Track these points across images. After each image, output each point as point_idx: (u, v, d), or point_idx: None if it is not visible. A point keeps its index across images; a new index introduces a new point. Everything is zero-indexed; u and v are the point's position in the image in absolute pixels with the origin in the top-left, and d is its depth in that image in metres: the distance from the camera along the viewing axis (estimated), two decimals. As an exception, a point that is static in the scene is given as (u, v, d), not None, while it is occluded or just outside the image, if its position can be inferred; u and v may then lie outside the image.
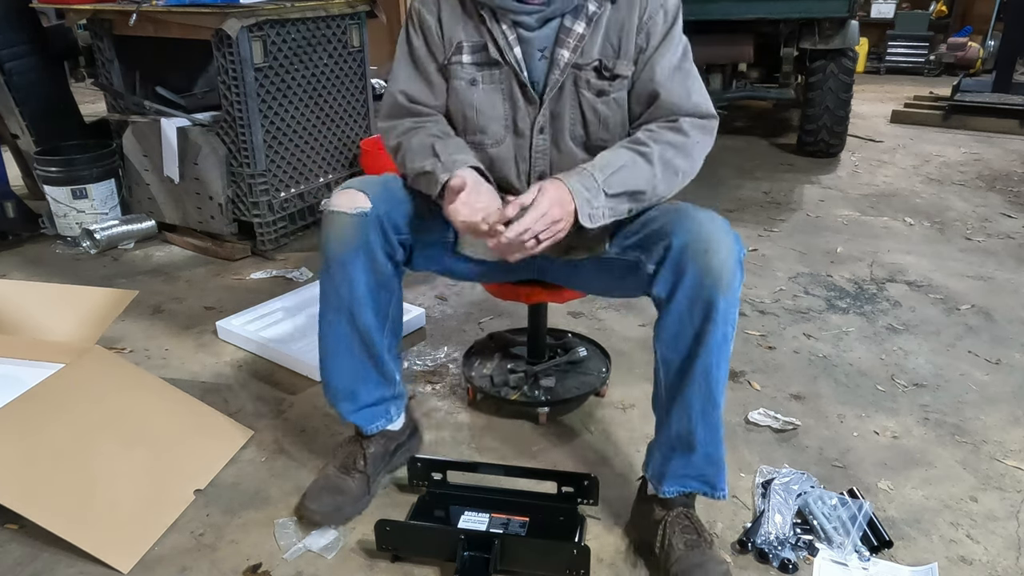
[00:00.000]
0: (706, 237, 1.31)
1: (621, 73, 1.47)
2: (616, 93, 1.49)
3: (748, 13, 3.97)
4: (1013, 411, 1.98)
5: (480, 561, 1.40)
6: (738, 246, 1.33)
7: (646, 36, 1.45)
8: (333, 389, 1.58)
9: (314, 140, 3.17)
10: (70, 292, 2.09)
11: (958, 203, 3.69)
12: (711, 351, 1.33)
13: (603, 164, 1.39)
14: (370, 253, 1.43)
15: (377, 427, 1.62)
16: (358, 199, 1.42)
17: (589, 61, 1.46)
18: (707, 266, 1.29)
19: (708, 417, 1.39)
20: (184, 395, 1.91)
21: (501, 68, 1.48)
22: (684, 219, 1.36)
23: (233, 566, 1.48)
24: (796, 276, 2.84)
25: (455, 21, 1.50)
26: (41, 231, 3.25)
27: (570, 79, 1.47)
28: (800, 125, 4.52)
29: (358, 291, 1.45)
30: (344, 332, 1.50)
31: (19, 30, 3.27)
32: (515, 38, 1.46)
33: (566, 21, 1.44)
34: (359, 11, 3.24)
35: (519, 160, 1.54)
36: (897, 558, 1.50)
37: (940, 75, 7.46)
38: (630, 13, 1.45)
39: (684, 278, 1.31)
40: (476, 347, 2.12)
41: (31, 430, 1.61)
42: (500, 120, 1.52)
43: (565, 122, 1.50)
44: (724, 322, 1.31)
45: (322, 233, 1.45)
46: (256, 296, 2.64)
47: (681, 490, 1.45)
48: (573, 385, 1.94)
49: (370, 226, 1.41)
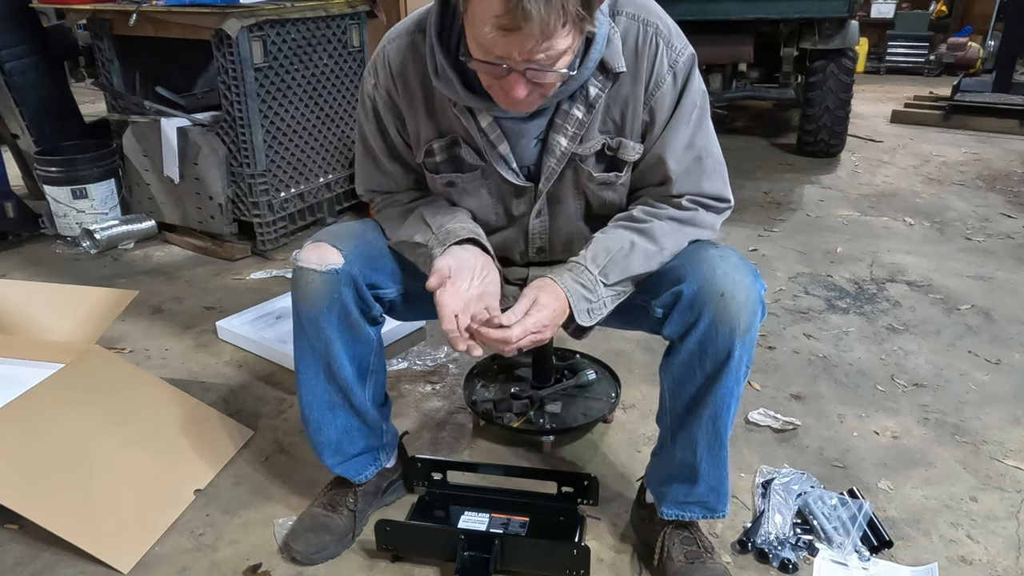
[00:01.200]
0: (720, 280, 1.20)
1: (626, 158, 1.30)
2: (623, 180, 1.34)
3: (748, 13, 3.97)
4: (1013, 411, 1.98)
5: (480, 561, 1.40)
6: (758, 284, 1.23)
7: (650, 112, 1.26)
8: (316, 443, 1.48)
9: (314, 140, 3.17)
10: (70, 292, 2.09)
11: (958, 203, 3.69)
12: (722, 396, 1.26)
13: (596, 252, 1.27)
14: (343, 311, 1.33)
15: (366, 476, 1.54)
16: (328, 255, 1.31)
17: (590, 150, 1.29)
18: (723, 313, 1.19)
19: (714, 455, 1.33)
20: (184, 395, 1.91)
21: (482, 169, 1.32)
22: (696, 262, 1.24)
23: (233, 566, 1.48)
24: (796, 276, 2.84)
25: (421, 115, 1.30)
26: (41, 231, 3.25)
27: (570, 168, 1.31)
28: (800, 125, 4.52)
29: (333, 348, 1.36)
30: (322, 388, 1.42)
31: (19, 30, 3.27)
32: (499, 134, 1.26)
33: (563, 105, 1.24)
34: (359, 11, 3.24)
35: (515, 241, 1.44)
36: (897, 558, 1.50)
37: (940, 75, 7.45)
38: (634, 86, 1.24)
39: (697, 325, 1.22)
40: (478, 368, 2.02)
41: (31, 430, 1.60)
42: (489, 212, 1.39)
43: (566, 206, 1.37)
44: (739, 367, 1.24)
45: (292, 289, 1.36)
46: (256, 296, 2.64)
47: (680, 515, 1.41)
48: (580, 412, 1.84)
49: (341, 284, 1.30)
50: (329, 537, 1.50)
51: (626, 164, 1.31)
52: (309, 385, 1.42)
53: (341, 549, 1.51)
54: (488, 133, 1.26)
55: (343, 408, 1.45)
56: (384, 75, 1.30)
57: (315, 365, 1.40)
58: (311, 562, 1.48)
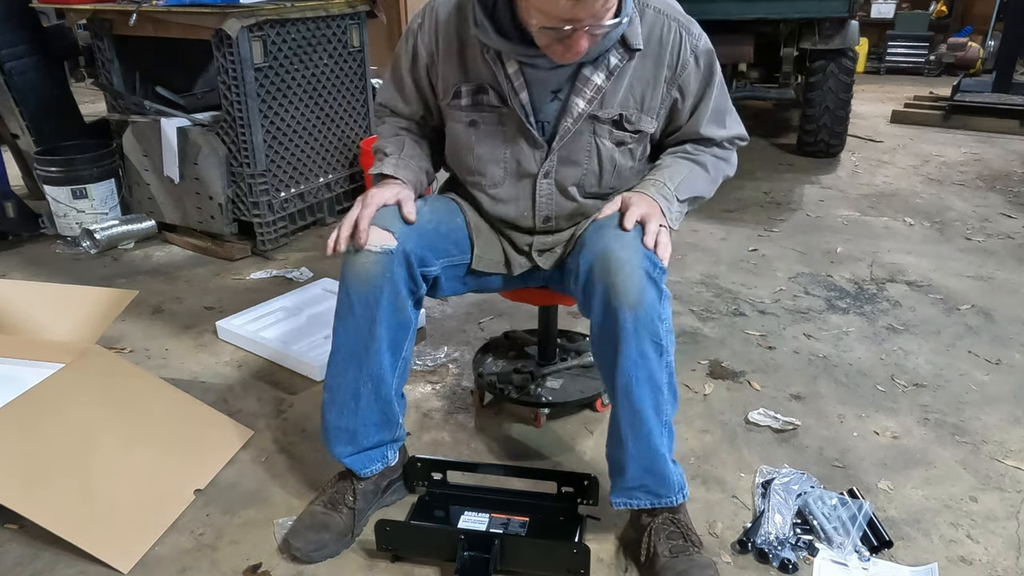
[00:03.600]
0: (607, 256, 1.31)
1: (643, 129, 1.47)
2: (634, 144, 1.48)
3: (748, 13, 3.97)
4: (1013, 411, 1.98)
5: (480, 561, 1.40)
6: (647, 262, 1.30)
7: (680, 90, 1.46)
8: (333, 429, 1.51)
9: (314, 140, 3.17)
10: (70, 292, 2.09)
11: (958, 203, 3.69)
12: (627, 369, 1.32)
13: (670, 174, 1.45)
14: (394, 290, 1.39)
15: (372, 471, 1.56)
16: (382, 237, 1.39)
17: (609, 115, 1.43)
18: (611, 285, 1.29)
19: (636, 431, 1.38)
20: (184, 395, 1.91)
21: (505, 110, 1.44)
22: (596, 238, 1.37)
23: (233, 566, 1.48)
24: (796, 276, 2.84)
25: (453, 61, 1.46)
26: (41, 231, 3.25)
27: (587, 127, 1.44)
28: (800, 125, 4.52)
29: (377, 331, 1.41)
30: (356, 371, 1.45)
31: (19, 30, 3.27)
32: (522, 82, 1.41)
33: (584, 70, 1.39)
34: (359, 11, 3.24)
35: (520, 201, 1.52)
36: (897, 558, 1.50)
37: (940, 75, 7.45)
38: (657, 67, 1.43)
39: (593, 299, 1.33)
40: (491, 344, 2.11)
41: (31, 430, 1.60)
42: (499, 163, 1.49)
43: (577, 170, 1.48)
44: (638, 339, 1.30)
45: (344, 270, 1.41)
46: (256, 296, 2.64)
47: (628, 502, 1.45)
48: (577, 389, 1.92)
49: (395, 264, 1.38)
50: (329, 535, 1.50)
51: (641, 133, 1.47)
52: (342, 367, 1.46)
53: (341, 548, 1.51)
54: (512, 80, 1.40)
55: (370, 394, 1.48)
56: (430, 23, 1.48)
57: (355, 347, 1.44)
58: (310, 560, 1.48)
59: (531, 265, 1.58)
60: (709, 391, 2.07)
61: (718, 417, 1.95)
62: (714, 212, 3.49)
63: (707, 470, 1.75)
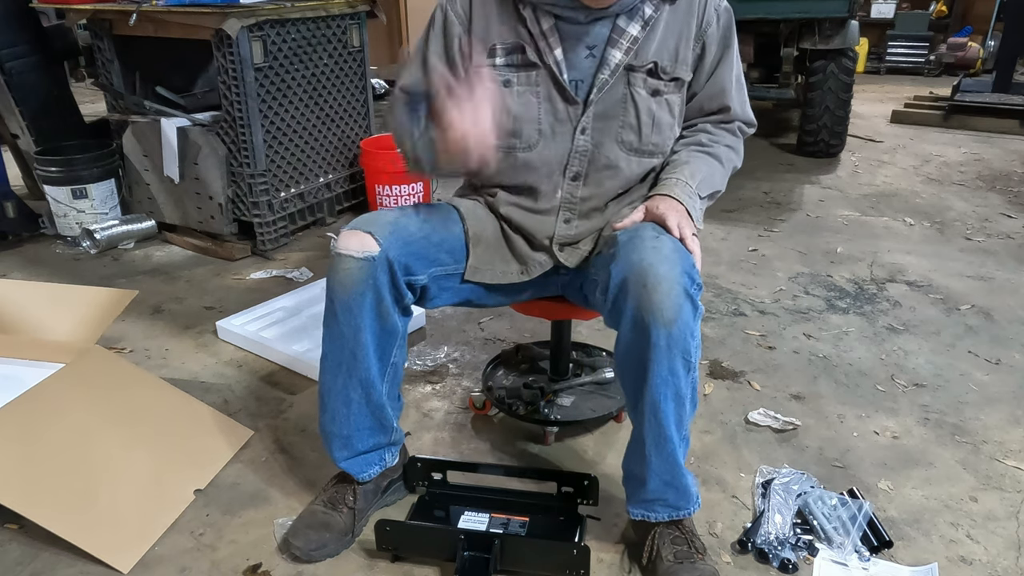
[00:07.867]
0: (644, 270, 1.25)
1: (680, 76, 1.46)
2: (669, 95, 1.47)
3: (748, 13, 3.96)
4: (1013, 411, 1.98)
5: (480, 561, 1.40)
6: (686, 278, 1.25)
7: (703, 45, 1.46)
8: (328, 433, 1.51)
9: (314, 140, 3.17)
10: (70, 292, 2.09)
11: (958, 203, 3.69)
12: (656, 386, 1.29)
13: (690, 171, 1.44)
14: (377, 297, 1.37)
15: (370, 475, 1.55)
16: (366, 242, 1.36)
17: (644, 64, 1.43)
18: (646, 301, 1.24)
19: (660, 448, 1.35)
20: (184, 395, 1.91)
21: (538, 69, 1.43)
22: (630, 249, 1.29)
23: (233, 566, 1.48)
24: (796, 276, 2.84)
25: (488, 20, 1.45)
26: (41, 231, 3.25)
27: (622, 79, 1.43)
28: (800, 125, 4.52)
29: (362, 337, 1.40)
30: (345, 377, 1.44)
31: (19, 30, 3.27)
32: (556, 38, 1.41)
33: (620, 21, 1.40)
34: (359, 11, 3.24)
35: (553, 162, 1.47)
36: (897, 558, 1.50)
37: (940, 75, 7.46)
38: (688, 19, 1.44)
39: (624, 313, 1.28)
40: (502, 357, 2.04)
41: (31, 430, 1.60)
42: (534, 123, 1.45)
43: (615, 124, 1.45)
44: (670, 358, 1.26)
45: (328, 276, 1.40)
46: (256, 296, 2.64)
47: (646, 515, 1.44)
48: (589, 407, 1.84)
49: (377, 270, 1.35)
50: (329, 535, 1.50)
51: (678, 80, 1.47)
52: (331, 373, 1.46)
53: (341, 548, 1.51)
54: (548, 36, 1.41)
55: (361, 400, 1.47)
56: None
57: (341, 354, 1.42)
58: (310, 559, 1.48)
59: (552, 264, 1.52)
60: (709, 391, 2.07)
61: (718, 417, 1.95)
62: (714, 212, 3.49)
63: (707, 470, 1.75)
